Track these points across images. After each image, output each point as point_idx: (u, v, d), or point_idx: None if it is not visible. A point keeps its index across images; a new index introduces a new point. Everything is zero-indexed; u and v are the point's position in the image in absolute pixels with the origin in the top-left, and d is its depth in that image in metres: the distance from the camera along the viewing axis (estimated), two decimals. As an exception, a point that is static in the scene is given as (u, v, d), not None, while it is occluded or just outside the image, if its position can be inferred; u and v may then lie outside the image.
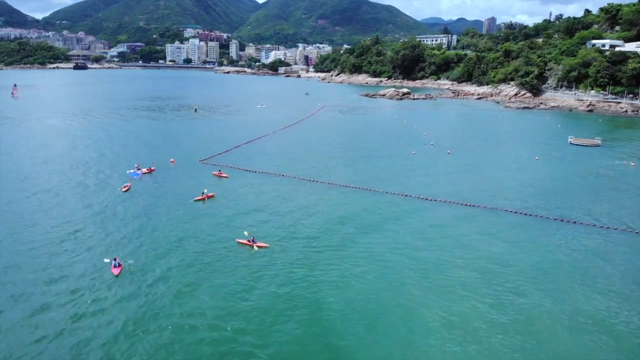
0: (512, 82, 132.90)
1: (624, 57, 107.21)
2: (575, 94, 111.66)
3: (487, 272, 24.67)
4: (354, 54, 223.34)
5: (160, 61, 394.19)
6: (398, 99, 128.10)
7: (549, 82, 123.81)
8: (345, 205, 35.33)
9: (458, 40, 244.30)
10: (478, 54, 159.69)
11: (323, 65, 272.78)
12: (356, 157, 53.59)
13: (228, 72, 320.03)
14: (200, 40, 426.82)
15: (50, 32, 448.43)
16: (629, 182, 43.90)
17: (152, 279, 23.18)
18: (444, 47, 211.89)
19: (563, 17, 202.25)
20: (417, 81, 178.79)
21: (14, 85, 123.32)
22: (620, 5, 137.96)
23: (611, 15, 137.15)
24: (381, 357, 17.86)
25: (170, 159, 48.17)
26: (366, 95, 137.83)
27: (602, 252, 27.62)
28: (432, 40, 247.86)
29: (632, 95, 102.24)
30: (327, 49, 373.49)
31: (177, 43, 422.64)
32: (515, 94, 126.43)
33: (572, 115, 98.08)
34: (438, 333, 19.32)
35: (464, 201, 36.17)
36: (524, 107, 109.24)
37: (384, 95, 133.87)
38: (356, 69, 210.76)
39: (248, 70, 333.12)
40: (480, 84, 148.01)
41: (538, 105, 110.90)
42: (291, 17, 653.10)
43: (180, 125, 76.45)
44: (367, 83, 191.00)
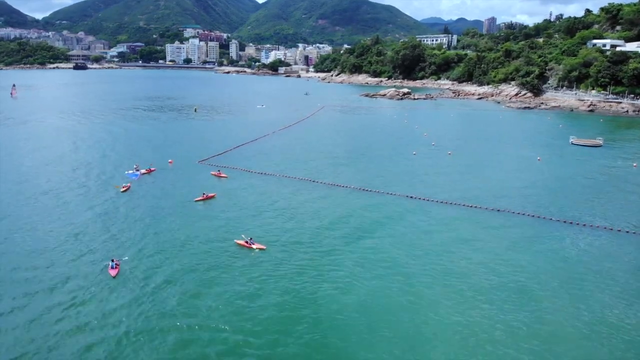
0: (512, 82, 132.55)
1: (625, 57, 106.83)
2: (576, 94, 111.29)
3: (493, 273, 24.30)
4: (354, 54, 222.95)
5: (160, 61, 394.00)
6: (398, 99, 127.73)
7: (549, 82, 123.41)
8: (346, 206, 34.96)
9: (458, 40, 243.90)
10: (478, 53, 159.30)
11: (323, 65, 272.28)
12: (356, 157, 53.21)
13: (228, 72, 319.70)
14: (200, 40, 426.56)
15: (50, 32, 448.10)
16: (632, 183, 43.56)
17: (149, 281, 22.84)
18: (444, 47, 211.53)
19: (563, 17, 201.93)
20: (418, 81, 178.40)
21: (13, 86, 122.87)
22: (621, 5, 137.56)
23: (612, 15, 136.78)
24: (383, 362, 17.47)
25: (169, 160, 47.88)
26: (366, 95, 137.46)
27: (610, 254, 27.24)
28: (433, 40, 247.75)
29: (633, 96, 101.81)
30: (327, 49, 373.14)
31: (177, 43, 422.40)
32: (516, 94, 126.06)
33: (573, 116, 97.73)
34: (445, 337, 18.95)
35: (467, 202, 35.81)
36: (525, 107, 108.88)
37: (384, 95, 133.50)
38: (356, 69, 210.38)
39: (248, 70, 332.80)
40: (481, 84, 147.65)
41: (539, 105, 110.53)
42: (291, 17, 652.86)
43: (179, 126, 76.11)
44: (367, 83, 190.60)
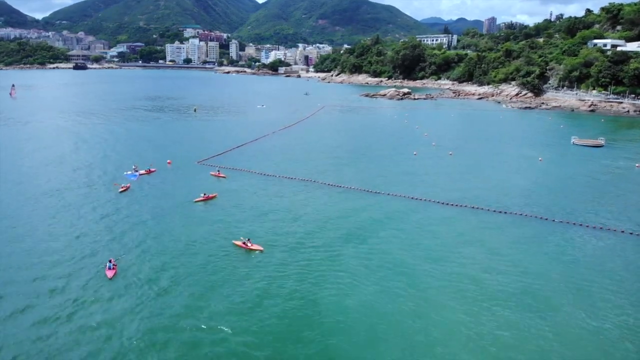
0: (513, 82, 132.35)
1: (626, 56, 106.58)
2: (576, 94, 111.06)
3: (496, 275, 24.02)
4: (354, 54, 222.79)
5: (160, 61, 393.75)
6: (398, 99, 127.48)
7: (550, 82, 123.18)
8: (346, 206, 34.68)
9: (458, 40, 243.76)
10: (479, 53, 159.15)
11: (323, 65, 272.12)
12: (357, 158, 52.92)
13: (228, 72, 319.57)
14: (200, 40, 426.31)
15: (50, 32, 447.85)
16: (635, 183, 43.28)
17: (148, 282, 22.59)
18: (444, 47, 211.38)
19: (563, 17, 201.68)
20: (418, 81, 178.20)
21: (12, 86, 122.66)
22: (621, 4, 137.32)
23: (612, 14, 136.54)
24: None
25: (167, 160, 47.62)
26: (366, 96, 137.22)
27: (614, 255, 26.94)
28: (433, 40, 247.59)
29: (634, 95, 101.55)
30: (327, 49, 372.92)
31: (177, 43, 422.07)
32: (517, 94, 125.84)
33: (574, 116, 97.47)
34: (449, 338, 18.68)
35: (468, 203, 35.52)
36: (526, 107, 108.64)
37: (385, 95, 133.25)
38: (356, 69, 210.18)
39: (248, 70, 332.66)
40: (481, 83, 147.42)
41: (539, 105, 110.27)
42: (291, 17, 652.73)
43: (179, 126, 75.83)
44: (368, 83, 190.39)
